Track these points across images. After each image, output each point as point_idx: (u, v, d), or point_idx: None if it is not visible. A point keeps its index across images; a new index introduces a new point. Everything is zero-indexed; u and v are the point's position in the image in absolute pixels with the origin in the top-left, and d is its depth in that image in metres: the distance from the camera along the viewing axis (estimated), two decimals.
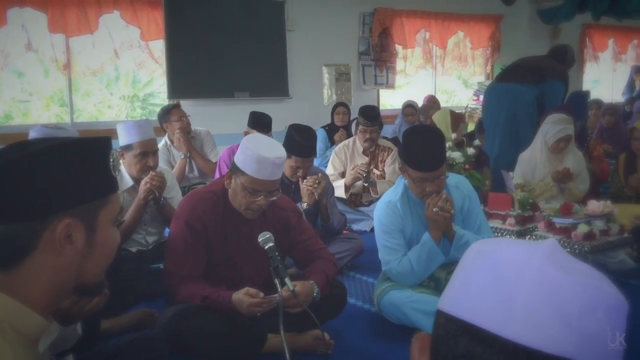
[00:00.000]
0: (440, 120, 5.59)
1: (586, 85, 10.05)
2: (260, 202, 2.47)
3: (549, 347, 0.61)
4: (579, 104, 5.64)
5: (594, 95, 8.13)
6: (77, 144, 1.15)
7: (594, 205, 3.57)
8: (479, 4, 8.40)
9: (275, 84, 6.86)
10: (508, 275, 0.65)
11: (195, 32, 6.26)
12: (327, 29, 7.23)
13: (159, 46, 6.15)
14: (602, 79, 10.89)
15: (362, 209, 4.93)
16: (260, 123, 4.41)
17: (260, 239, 2.35)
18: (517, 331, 0.62)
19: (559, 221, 3.56)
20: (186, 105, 5.62)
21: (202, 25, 6.31)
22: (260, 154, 2.39)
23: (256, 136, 2.72)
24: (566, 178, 4.30)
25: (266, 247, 2.33)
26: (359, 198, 4.97)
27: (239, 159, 2.46)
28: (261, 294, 2.35)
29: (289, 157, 3.27)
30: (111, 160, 1.20)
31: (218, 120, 6.17)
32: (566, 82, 5.36)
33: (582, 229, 3.41)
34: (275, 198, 2.54)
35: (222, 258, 2.58)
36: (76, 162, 1.11)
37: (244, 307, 2.33)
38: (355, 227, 4.75)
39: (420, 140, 2.76)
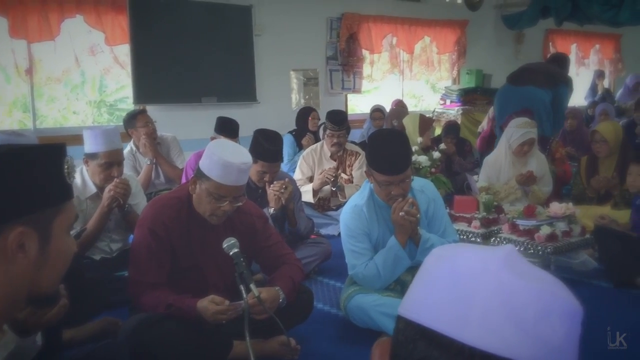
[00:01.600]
0: (409, 123, 5.65)
1: None
2: (226, 207, 2.45)
3: (504, 351, 0.62)
4: None
5: None
6: (30, 150, 1.13)
7: (556, 207, 3.64)
8: (445, 10, 8.49)
9: (242, 88, 6.81)
10: (465, 281, 0.66)
11: (161, 36, 6.17)
12: (295, 33, 7.22)
13: (124, 50, 6.06)
14: None
15: (330, 213, 4.93)
16: (227, 129, 4.38)
17: (225, 245, 2.34)
18: (474, 335, 0.63)
19: (522, 223, 3.62)
20: (152, 110, 5.54)
21: (169, 30, 6.21)
22: (226, 160, 2.37)
23: (222, 141, 2.71)
24: (530, 181, 4.38)
25: (231, 253, 2.32)
26: (327, 202, 4.98)
27: (204, 164, 2.44)
28: (226, 302, 2.33)
29: (255, 162, 3.26)
30: (65, 167, 1.17)
31: (185, 125, 6.09)
32: (571, 88, 5.73)
33: (545, 230, 3.47)
34: (240, 204, 2.53)
35: (187, 264, 2.55)
36: (28, 169, 1.09)
37: (209, 314, 2.31)
38: (324, 231, 4.75)
39: (385, 144, 2.77)
